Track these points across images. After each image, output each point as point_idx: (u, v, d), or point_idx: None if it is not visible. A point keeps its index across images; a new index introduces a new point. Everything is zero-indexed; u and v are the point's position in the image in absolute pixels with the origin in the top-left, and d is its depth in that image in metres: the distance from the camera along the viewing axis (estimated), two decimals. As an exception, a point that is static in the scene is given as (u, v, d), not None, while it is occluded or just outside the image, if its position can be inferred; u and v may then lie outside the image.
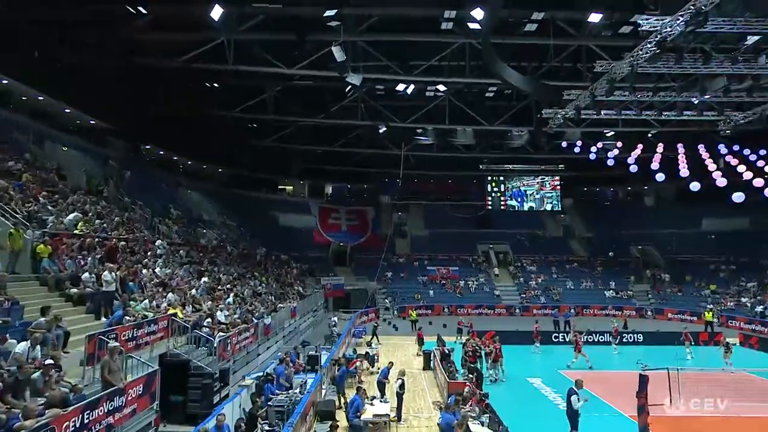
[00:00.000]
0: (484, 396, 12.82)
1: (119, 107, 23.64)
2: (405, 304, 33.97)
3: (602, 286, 37.57)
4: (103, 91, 22.40)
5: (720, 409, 13.04)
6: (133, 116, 25.55)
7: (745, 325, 28.45)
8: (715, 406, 13.08)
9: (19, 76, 18.60)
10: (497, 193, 42.34)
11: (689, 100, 18.37)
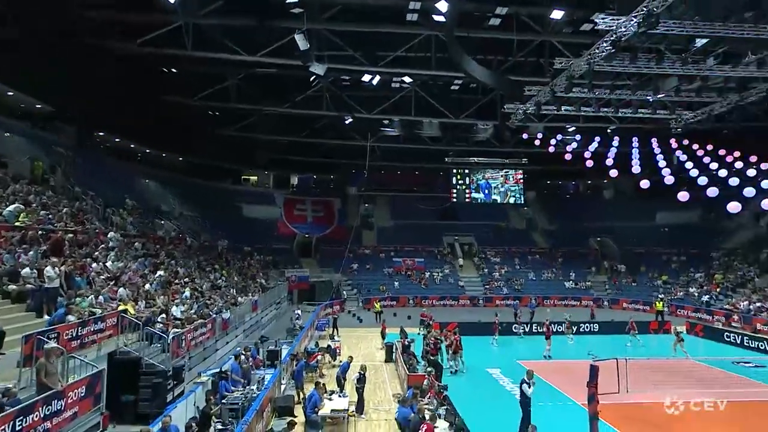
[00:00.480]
0: (442, 388, 12.97)
1: (69, 91, 22.34)
2: (371, 295, 34.00)
3: (562, 277, 38.71)
4: (51, 73, 21.08)
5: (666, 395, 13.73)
6: (85, 101, 24.29)
7: (692, 313, 29.92)
8: (662, 392, 13.74)
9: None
10: (462, 185, 42.82)
11: (644, 99, 19.01)
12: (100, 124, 27.75)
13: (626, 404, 13.09)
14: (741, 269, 32.76)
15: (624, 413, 12.59)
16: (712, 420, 12.14)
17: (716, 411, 12.94)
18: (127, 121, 28.29)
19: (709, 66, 14.79)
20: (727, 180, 20.65)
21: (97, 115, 26.30)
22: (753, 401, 13.80)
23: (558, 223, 45.72)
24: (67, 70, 21.48)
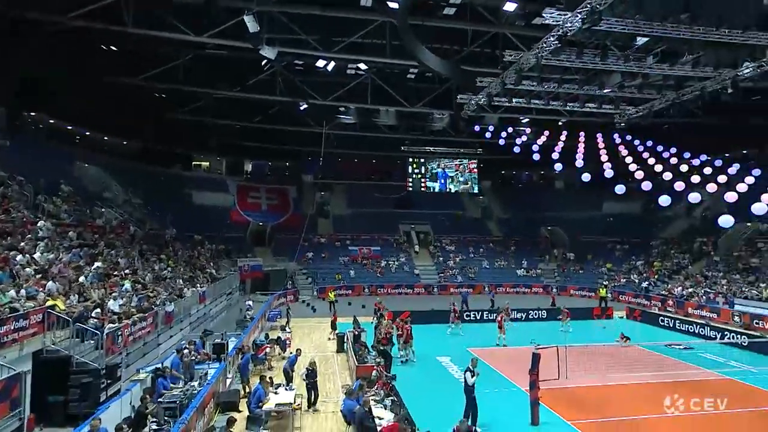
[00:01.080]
0: (390, 379, 13.02)
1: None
2: (326, 284, 33.75)
3: (515, 265, 39.86)
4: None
5: (604, 378, 14.43)
6: (13, 79, 22.46)
7: (632, 299, 31.60)
8: (599, 376, 14.44)
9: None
10: (418, 174, 43.12)
11: (591, 93, 19.59)
12: (31, 104, 25.80)
13: (566, 388, 13.64)
14: (676, 257, 34.79)
15: (563, 397, 13.09)
16: (644, 400, 12.84)
17: (648, 392, 13.76)
18: (63, 102, 26.47)
19: (649, 64, 15.42)
20: (662, 174, 21.66)
21: (28, 95, 24.43)
22: (682, 381, 14.66)
23: (512, 212, 46.92)
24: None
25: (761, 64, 15.19)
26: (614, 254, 39.69)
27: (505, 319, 20.67)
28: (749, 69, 16.24)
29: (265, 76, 27.51)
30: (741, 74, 16.18)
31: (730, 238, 32.79)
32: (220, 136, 39.21)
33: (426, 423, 11.23)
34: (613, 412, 12.07)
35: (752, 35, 13.04)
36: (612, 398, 13.17)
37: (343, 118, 34.07)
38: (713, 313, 25.33)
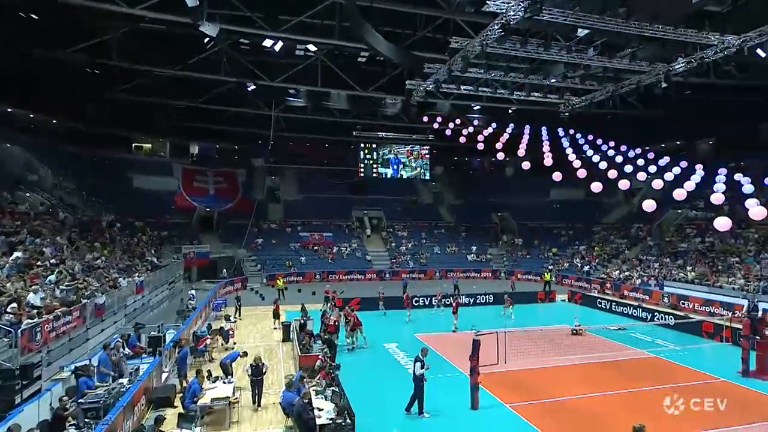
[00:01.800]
0: (334, 368, 12.88)
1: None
2: (276, 271, 33.10)
3: (465, 251, 40.66)
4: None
5: (543, 361, 14.94)
6: None
7: (575, 282, 33.04)
8: (537, 359, 14.93)
9: None
10: (370, 160, 42.84)
11: (536, 83, 19.94)
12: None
13: (507, 372, 14.02)
14: (615, 242, 36.61)
15: (504, 381, 13.45)
16: (579, 381, 13.42)
17: (583, 372, 14.40)
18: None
19: (589, 56, 15.83)
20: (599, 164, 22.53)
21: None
22: (615, 361, 15.45)
23: (463, 199, 47.71)
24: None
25: (691, 61, 15.93)
26: (559, 239, 41.26)
27: (439, 305, 20.95)
28: (681, 65, 17.00)
29: (209, 54, 26.16)
30: (673, 69, 16.93)
31: (663, 224, 34.87)
32: (163, 117, 37.18)
33: (369, 412, 11.23)
34: (549, 394, 12.50)
35: (683, 33, 13.60)
36: (549, 380, 13.65)
37: (294, 101, 33.16)
38: (645, 295, 26.91)
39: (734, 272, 25.61)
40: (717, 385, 13.36)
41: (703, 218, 32.84)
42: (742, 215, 30.55)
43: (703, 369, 14.58)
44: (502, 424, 10.86)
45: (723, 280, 25.34)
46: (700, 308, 23.15)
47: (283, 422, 10.58)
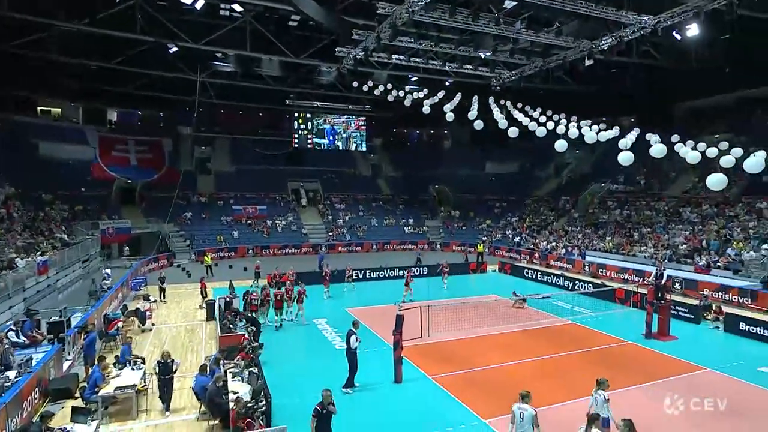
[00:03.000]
0: (255, 348, 12.40)
1: None
2: (205, 246, 31.61)
3: (403, 223, 40.91)
4: None
5: (468, 332, 15.28)
6: None
7: (506, 253, 34.28)
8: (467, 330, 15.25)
9: None
10: (304, 130, 41.47)
11: (467, 55, 19.77)
12: None
13: (434, 344, 14.23)
14: (545, 214, 38.25)
15: (430, 352, 13.63)
16: (503, 349, 13.85)
17: (508, 341, 14.88)
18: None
19: (517, 29, 15.80)
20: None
21: None
22: (537, 329, 16.13)
23: (402, 171, 47.72)
24: None
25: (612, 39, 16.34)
26: (493, 211, 42.50)
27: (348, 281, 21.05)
28: (605, 42, 17.42)
29: (121, 9, 23.63)
30: (597, 46, 17.33)
31: (587, 196, 36.79)
32: (73, 78, 33.53)
33: (292, 391, 10.98)
34: (473, 364, 12.77)
35: (603, 10, 13.81)
36: (474, 350, 13.97)
37: (222, 66, 31.09)
38: (569, 264, 28.41)
39: (646, 241, 27.55)
40: (624, 348, 14.33)
41: (622, 191, 35.00)
42: (656, 188, 32.95)
43: (614, 333, 15.58)
44: (422, 397, 10.96)
45: (636, 249, 27.21)
46: (616, 276, 24.73)
47: (197, 408, 10.03)
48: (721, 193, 28.28)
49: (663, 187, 32.38)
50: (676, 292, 21.65)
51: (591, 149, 42.44)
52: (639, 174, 35.24)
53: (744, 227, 24.38)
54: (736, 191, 27.66)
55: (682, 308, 17.51)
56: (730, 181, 28.64)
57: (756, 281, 20.73)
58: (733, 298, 19.64)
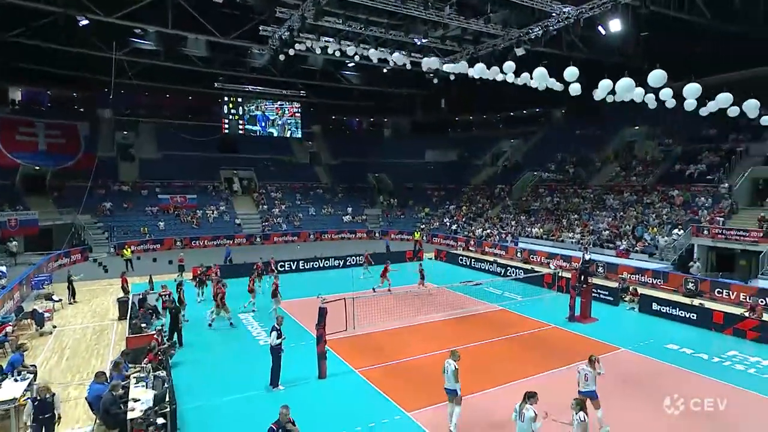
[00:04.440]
0: (167, 349, 11.46)
1: None
2: (127, 239, 29.36)
3: (341, 212, 40.26)
4: None
5: (399, 322, 15.06)
6: None
7: (443, 241, 34.64)
8: (398, 320, 14.99)
9: None
10: (235, 115, 39.56)
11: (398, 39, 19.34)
12: None
13: (363, 335, 13.87)
14: (481, 202, 39.03)
15: (357, 345, 13.25)
16: (431, 338, 13.74)
17: (437, 330, 14.80)
18: None
19: (447, 14, 15.57)
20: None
21: None
22: (467, 316, 16.20)
23: (341, 159, 46.93)
24: None
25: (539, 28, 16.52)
26: (432, 200, 42.83)
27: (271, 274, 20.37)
28: (533, 32, 17.61)
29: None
30: (526, 35, 17.50)
31: (521, 184, 37.93)
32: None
33: (210, 393, 10.25)
34: (401, 355, 12.53)
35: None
36: (403, 341, 13.76)
37: (142, 43, 28.74)
38: (503, 251, 29.12)
39: (574, 228, 28.77)
40: (548, 332, 14.70)
41: (553, 180, 36.36)
42: (583, 177, 34.49)
43: (540, 318, 15.97)
44: (347, 391, 10.56)
45: (565, 235, 28.35)
46: (545, 261, 25.58)
47: (92, 421, 9.01)
48: (639, 181, 30.10)
49: (589, 176, 33.94)
50: (599, 275, 22.77)
51: (525, 139, 43.95)
52: (568, 163, 36.74)
53: (658, 214, 26.00)
54: (652, 180, 29.46)
55: (603, 291, 18.30)
56: (647, 170, 30.61)
57: (668, 264, 22.20)
58: (648, 279, 20.87)
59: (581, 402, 7.06)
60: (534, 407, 6.89)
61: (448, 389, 8.58)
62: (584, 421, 6.83)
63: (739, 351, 12.86)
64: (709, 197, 24.99)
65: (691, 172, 27.70)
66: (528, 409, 6.87)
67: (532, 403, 6.92)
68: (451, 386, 8.49)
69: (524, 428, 6.88)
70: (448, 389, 8.56)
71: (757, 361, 12.17)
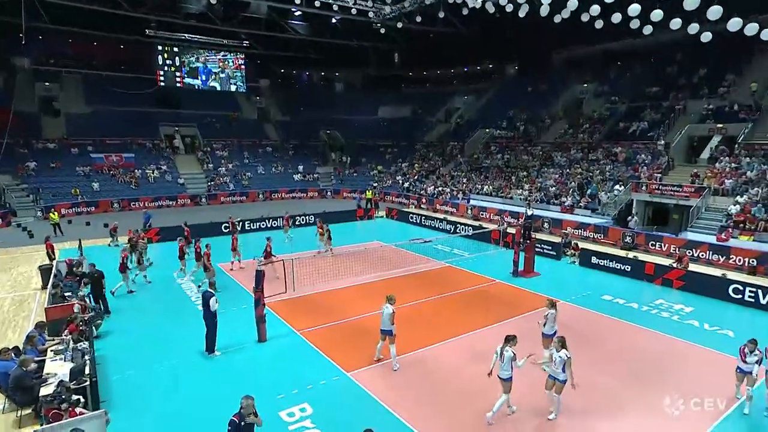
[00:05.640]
0: (92, 319, 10.69)
1: None
2: (56, 202, 27.21)
3: (292, 170, 39.05)
4: None
5: (344, 281, 14.81)
6: None
7: (395, 199, 34.47)
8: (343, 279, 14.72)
9: None
10: (171, 66, 36.73)
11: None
12: None
13: (302, 297, 13.54)
14: (433, 159, 38.88)
15: (300, 306, 12.96)
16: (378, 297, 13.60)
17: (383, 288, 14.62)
18: None
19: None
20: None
21: None
22: (411, 274, 16.16)
23: (291, 115, 45.11)
24: None
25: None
26: (385, 157, 42.25)
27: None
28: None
29: None
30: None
31: (473, 142, 37.95)
32: None
33: (140, 362, 9.71)
34: (344, 315, 12.35)
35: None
36: (348, 300, 13.55)
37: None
38: (454, 208, 29.31)
39: (523, 184, 29.23)
40: (492, 287, 14.94)
41: (504, 137, 36.57)
42: (533, 134, 34.86)
43: (485, 273, 16.19)
44: (287, 354, 10.30)
45: (514, 192, 28.79)
46: (494, 218, 25.93)
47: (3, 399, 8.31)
48: (585, 139, 30.73)
49: (539, 134, 34.32)
50: (545, 231, 23.40)
51: (478, 96, 43.69)
52: (519, 121, 36.93)
53: (602, 170, 26.75)
54: (598, 137, 30.13)
55: (546, 246, 18.78)
56: (593, 128, 31.23)
57: (608, 218, 23.04)
58: (590, 234, 21.64)
59: (562, 340, 7.56)
60: (512, 349, 7.49)
61: (383, 330, 9.25)
62: (569, 358, 7.40)
63: (665, 300, 13.58)
64: (649, 154, 25.87)
65: (634, 129, 28.49)
66: (507, 350, 7.47)
67: (512, 345, 7.52)
68: (387, 327, 9.16)
69: (505, 367, 7.52)
70: (384, 330, 9.24)
71: (681, 308, 12.91)
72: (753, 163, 21.39)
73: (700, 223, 20.05)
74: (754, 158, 21.72)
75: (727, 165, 22.07)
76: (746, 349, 7.93)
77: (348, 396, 8.51)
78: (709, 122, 25.29)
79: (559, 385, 7.57)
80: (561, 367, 7.45)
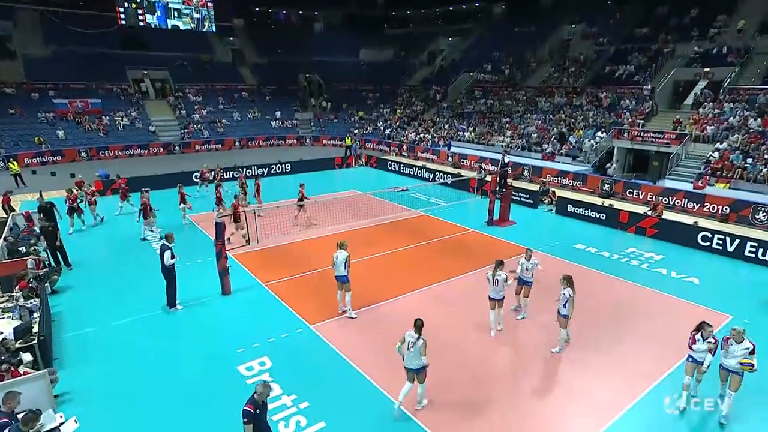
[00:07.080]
0: (45, 275, 10.30)
1: None
2: (17, 151, 25.95)
3: (269, 116, 37.66)
4: None
5: (316, 231, 14.49)
6: None
7: (376, 146, 33.64)
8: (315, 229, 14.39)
9: None
10: (132, 3, 34.12)
11: None
12: None
13: (271, 248, 13.26)
14: (416, 105, 37.69)
15: (268, 257, 12.69)
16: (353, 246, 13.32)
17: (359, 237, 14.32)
18: None
19: None
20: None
21: None
22: (387, 223, 15.87)
23: (268, 58, 42.93)
24: None
25: None
26: (366, 102, 40.86)
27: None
28: None
29: None
30: None
31: (457, 86, 36.69)
32: None
33: (97, 318, 9.44)
34: (312, 266, 12.09)
35: None
36: (318, 251, 13.19)
37: None
38: (434, 156, 28.73)
39: (505, 131, 28.57)
40: (466, 236, 14.77)
41: (489, 80, 35.37)
42: (518, 78, 33.74)
43: (460, 222, 16.01)
44: (250, 306, 10.11)
45: (495, 139, 28.18)
46: (475, 165, 25.49)
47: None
48: (571, 83, 29.83)
49: (524, 78, 33.22)
50: (525, 178, 23.12)
51: (463, 37, 41.84)
52: (504, 64, 35.63)
53: (585, 116, 26.15)
54: (583, 81, 29.25)
55: (524, 194, 18.55)
56: (579, 71, 30.25)
57: (589, 166, 22.77)
58: (569, 182, 21.41)
59: (569, 278, 7.99)
60: (504, 272, 8.49)
61: (338, 276, 9.30)
62: (572, 296, 7.87)
63: (637, 248, 13.58)
64: (633, 99, 25.25)
65: (621, 73, 27.64)
66: (500, 274, 8.46)
67: (502, 269, 8.51)
68: (341, 273, 9.23)
69: (498, 289, 8.53)
70: (338, 276, 9.29)
71: (650, 257, 12.92)
72: (736, 108, 20.99)
73: (679, 171, 19.89)
74: (737, 104, 21.29)
75: (710, 111, 21.64)
76: (697, 334, 6.58)
77: (309, 349, 8.39)
78: (696, 66, 24.56)
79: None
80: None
